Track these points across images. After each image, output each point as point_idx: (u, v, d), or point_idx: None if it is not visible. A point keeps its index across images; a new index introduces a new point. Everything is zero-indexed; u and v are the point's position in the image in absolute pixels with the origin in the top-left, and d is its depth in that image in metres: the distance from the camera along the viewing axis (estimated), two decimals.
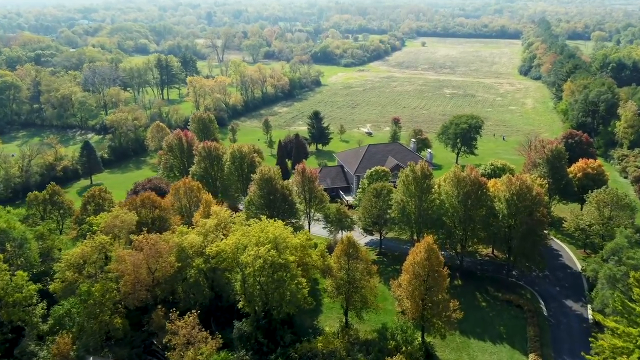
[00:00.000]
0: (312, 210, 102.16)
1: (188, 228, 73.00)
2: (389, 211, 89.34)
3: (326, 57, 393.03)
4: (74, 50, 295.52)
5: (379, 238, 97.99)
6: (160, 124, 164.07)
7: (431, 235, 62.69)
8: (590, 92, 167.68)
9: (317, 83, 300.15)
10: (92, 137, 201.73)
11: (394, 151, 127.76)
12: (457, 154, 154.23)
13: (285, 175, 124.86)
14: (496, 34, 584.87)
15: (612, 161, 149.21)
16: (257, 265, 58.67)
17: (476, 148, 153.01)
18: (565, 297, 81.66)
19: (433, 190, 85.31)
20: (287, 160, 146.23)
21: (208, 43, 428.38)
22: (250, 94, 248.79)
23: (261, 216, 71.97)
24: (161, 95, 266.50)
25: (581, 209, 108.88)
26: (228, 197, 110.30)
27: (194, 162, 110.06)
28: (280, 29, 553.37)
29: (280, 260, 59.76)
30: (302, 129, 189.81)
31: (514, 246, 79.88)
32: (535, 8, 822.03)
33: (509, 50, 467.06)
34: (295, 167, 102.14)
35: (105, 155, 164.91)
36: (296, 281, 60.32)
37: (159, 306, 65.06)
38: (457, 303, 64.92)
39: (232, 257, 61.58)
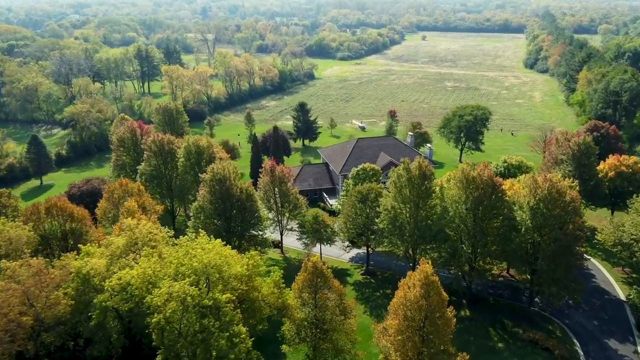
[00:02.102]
0: (285, 219, 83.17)
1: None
2: (376, 220, 70.11)
3: (322, 51, 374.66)
4: (47, 39, 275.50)
5: (366, 252, 78.76)
6: (126, 116, 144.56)
7: (429, 263, 43.34)
8: (611, 80, 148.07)
9: (310, 76, 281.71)
10: (58, 132, 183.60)
11: (387, 146, 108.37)
12: (461, 150, 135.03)
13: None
14: (499, 28, 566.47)
15: (639, 158, 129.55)
16: (169, 310, 39.66)
17: (483, 143, 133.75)
18: (607, 336, 62.21)
19: (433, 194, 66.05)
20: (265, 157, 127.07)
21: (199, 36, 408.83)
22: (236, 86, 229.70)
23: (201, 231, 52.38)
24: (142, 89, 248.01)
25: (612, 214, 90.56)
26: (185, 202, 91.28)
27: (143, 158, 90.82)
28: (276, 23, 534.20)
29: (206, 301, 40.74)
30: (289, 123, 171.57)
31: (540, 269, 60.51)
32: (539, 3, 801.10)
33: (512, 44, 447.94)
34: (263, 165, 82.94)
35: (63, 152, 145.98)
36: (229, 332, 41.09)
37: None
38: (468, 357, 45.53)
39: (140, 295, 42.45)
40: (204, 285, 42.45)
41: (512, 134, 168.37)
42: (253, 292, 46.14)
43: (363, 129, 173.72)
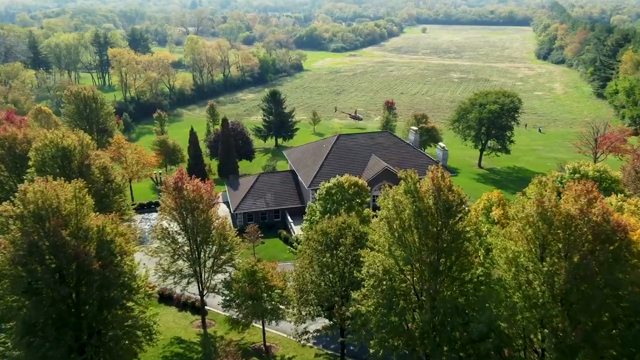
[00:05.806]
0: (207, 270, 48.75)
1: None
2: (354, 296, 35.53)
3: (313, 42, 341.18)
4: None
5: (340, 332, 44.31)
6: (45, 108, 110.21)
7: None
8: None
9: (298, 68, 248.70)
10: None
11: (381, 146, 74.00)
12: (481, 150, 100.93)
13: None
14: (503, 20, 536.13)
15: None
16: None
17: (512, 142, 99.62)
18: None
19: (469, 246, 31.64)
20: (214, 160, 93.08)
21: (182, 29, 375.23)
22: (207, 76, 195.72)
23: None
24: (101, 80, 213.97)
25: None
26: None
27: None
28: (267, 15, 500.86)
29: None
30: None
31: None
32: None
33: (519, 36, 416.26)
34: (163, 179, 48.48)
35: None
36: None
37: None
38: None
39: None
40: None
41: (539, 130, 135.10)
42: None
43: (359, 119, 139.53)
